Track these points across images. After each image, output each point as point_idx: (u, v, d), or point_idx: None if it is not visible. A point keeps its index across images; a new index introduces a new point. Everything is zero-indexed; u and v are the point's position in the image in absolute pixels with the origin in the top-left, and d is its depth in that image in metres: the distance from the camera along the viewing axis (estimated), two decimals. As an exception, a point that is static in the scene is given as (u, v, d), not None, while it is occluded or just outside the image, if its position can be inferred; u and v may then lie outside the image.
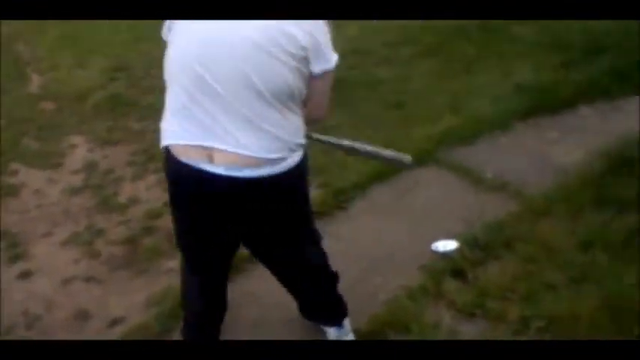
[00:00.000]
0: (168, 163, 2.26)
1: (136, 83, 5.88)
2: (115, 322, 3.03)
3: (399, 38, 6.29)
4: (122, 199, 4.03)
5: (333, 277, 2.74)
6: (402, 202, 3.78)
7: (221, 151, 2.10)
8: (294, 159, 2.20)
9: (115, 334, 2.96)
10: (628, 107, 4.74)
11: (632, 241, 3.18)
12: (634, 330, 2.61)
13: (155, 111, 5.17)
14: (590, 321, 2.67)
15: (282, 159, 2.15)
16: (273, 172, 2.15)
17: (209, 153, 2.11)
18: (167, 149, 2.22)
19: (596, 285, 2.87)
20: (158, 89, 5.98)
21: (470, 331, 2.75)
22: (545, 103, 4.69)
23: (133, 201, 3.98)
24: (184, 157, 2.16)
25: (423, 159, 4.13)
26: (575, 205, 3.46)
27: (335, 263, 3.12)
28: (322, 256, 2.68)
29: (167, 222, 3.67)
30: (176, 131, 2.18)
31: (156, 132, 2.34)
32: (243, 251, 2.65)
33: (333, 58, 2.16)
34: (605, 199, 3.48)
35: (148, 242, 3.56)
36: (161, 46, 2.22)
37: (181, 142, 2.16)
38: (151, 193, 4.02)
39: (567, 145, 4.22)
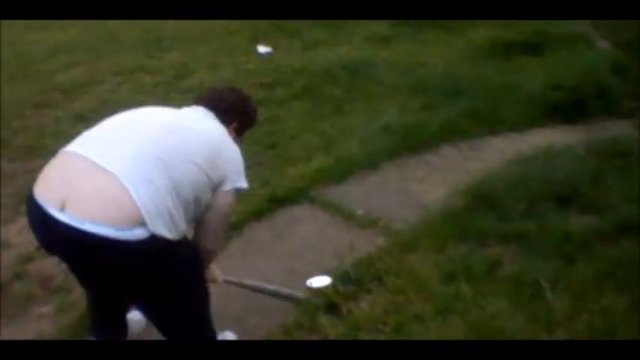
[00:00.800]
0: None
1: (6, 124, 5.66)
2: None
3: (273, 80, 6.44)
4: (-9, 243, 3.90)
5: None
6: (278, 240, 3.87)
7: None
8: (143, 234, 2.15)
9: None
10: (485, 146, 5.07)
11: (493, 272, 3.39)
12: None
13: (27, 152, 5.05)
14: (457, 350, 2.82)
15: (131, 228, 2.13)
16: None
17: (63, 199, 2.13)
18: None
19: (460, 316, 3.03)
20: (31, 129, 5.85)
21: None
22: (410, 144, 4.94)
23: (4, 245, 3.85)
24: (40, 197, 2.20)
25: (296, 197, 4.27)
26: (439, 239, 3.65)
27: (212, 303, 3.16)
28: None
29: (39, 266, 3.62)
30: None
31: (27, 173, 2.34)
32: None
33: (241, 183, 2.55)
34: (467, 233, 3.69)
35: (19, 288, 3.46)
36: (32, 85, 2.24)
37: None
38: (23, 237, 3.88)
39: (431, 183, 4.46)
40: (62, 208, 2.12)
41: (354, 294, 3.27)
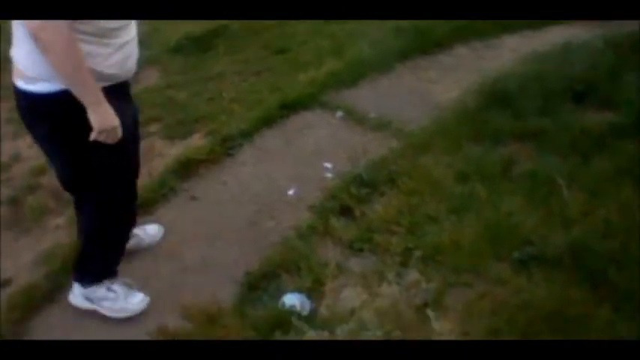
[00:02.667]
0: None
1: (8, 38, 5.56)
2: (4, 284, 2.93)
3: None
4: (3, 157, 3.88)
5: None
6: (290, 146, 3.83)
7: None
8: (32, 87, 2.22)
9: (3, 296, 2.87)
10: (500, 45, 4.95)
11: (508, 170, 3.35)
12: (513, 254, 2.77)
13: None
14: (471, 249, 2.81)
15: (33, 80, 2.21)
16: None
17: None
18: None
19: (475, 215, 3.01)
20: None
21: (358, 265, 2.83)
22: (422, 45, 4.83)
23: (15, 159, 3.85)
24: None
25: (308, 103, 4.20)
26: (453, 140, 3.60)
27: (225, 209, 3.17)
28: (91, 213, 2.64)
29: (51, 179, 3.59)
30: None
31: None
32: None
33: None
34: (481, 133, 3.64)
35: (33, 200, 3.46)
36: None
37: None
38: (34, 150, 3.86)
39: (445, 84, 4.37)
40: None
41: (367, 196, 3.25)
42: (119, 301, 2.73)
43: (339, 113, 4.09)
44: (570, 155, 3.37)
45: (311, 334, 2.04)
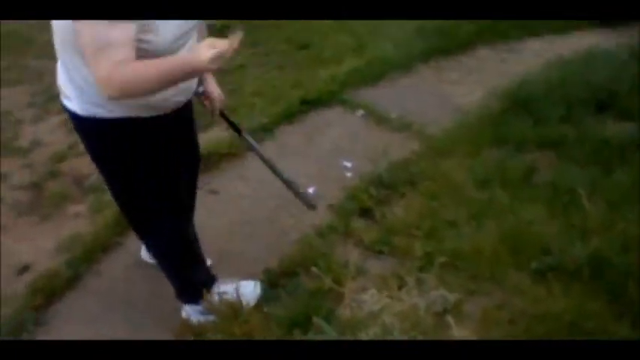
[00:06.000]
0: None
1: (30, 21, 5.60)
2: (23, 270, 2.97)
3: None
4: (23, 142, 3.90)
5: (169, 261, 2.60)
6: (310, 143, 3.84)
7: None
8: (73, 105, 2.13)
9: (24, 281, 2.89)
10: (522, 48, 4.94)
11: (529, 178, 3.35)
12: (532, 264, 2.77)
13: (53, 48, 5.01)
14: (491, 256, 2.81)
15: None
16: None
17: None
18: None
19: (495, 221, 3.00)
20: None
21: (377, 267, 2.84)
22: (445, 46, 4.83)
23: (36, 144, 3.86)
24: None
25: (328, 100, 4.20)
26: (474, 144, 3.60)
27: (245, 205, 3.17)
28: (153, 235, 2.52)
29: (72, 165, 3.63)
30: None
31: (55, 71, 2.30)
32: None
33: None
34: (503, 138, 3.64)
35: (54, 186, 3.49)
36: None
37: None
38: (55, 135, 3.91)
39: (467, 86, 4.37)
40: None
41: (387, 198, 3.26)
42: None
43: (360, 112, 4.10)
44: (591, 165, 3.36)
45: (334, 336, 2.04)
